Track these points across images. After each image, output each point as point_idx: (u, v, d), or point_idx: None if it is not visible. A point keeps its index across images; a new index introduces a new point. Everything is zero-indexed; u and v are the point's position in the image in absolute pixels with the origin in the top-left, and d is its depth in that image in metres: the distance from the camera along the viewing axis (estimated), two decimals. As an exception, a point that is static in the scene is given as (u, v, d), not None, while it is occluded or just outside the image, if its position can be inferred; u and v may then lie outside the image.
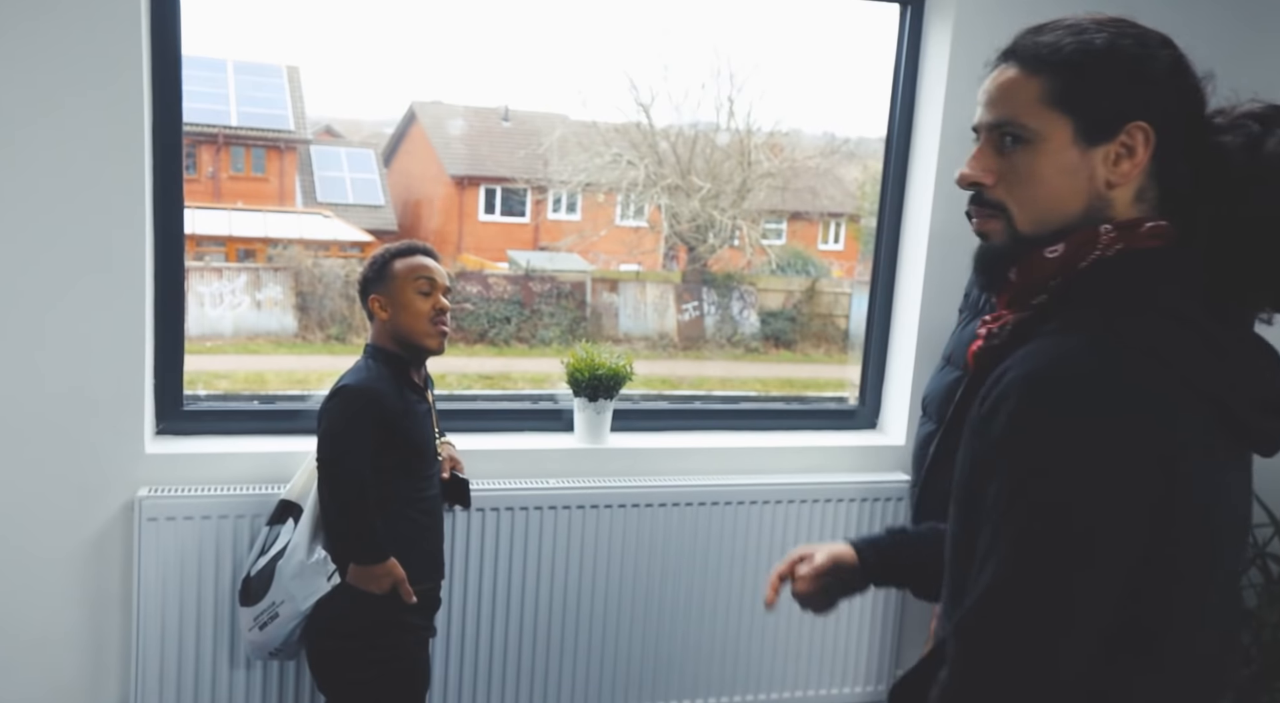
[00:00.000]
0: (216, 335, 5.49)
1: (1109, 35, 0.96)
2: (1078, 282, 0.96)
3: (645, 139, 5.42)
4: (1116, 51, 0.96)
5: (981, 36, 2.56)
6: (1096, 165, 0.96)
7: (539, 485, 2.46)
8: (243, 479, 2.32)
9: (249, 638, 2.08)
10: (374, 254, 2.09)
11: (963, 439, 1.03)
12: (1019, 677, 0.88)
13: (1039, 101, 0.96)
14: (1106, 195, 0.96)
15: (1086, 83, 0.95)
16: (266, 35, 5.28)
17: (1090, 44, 0.96)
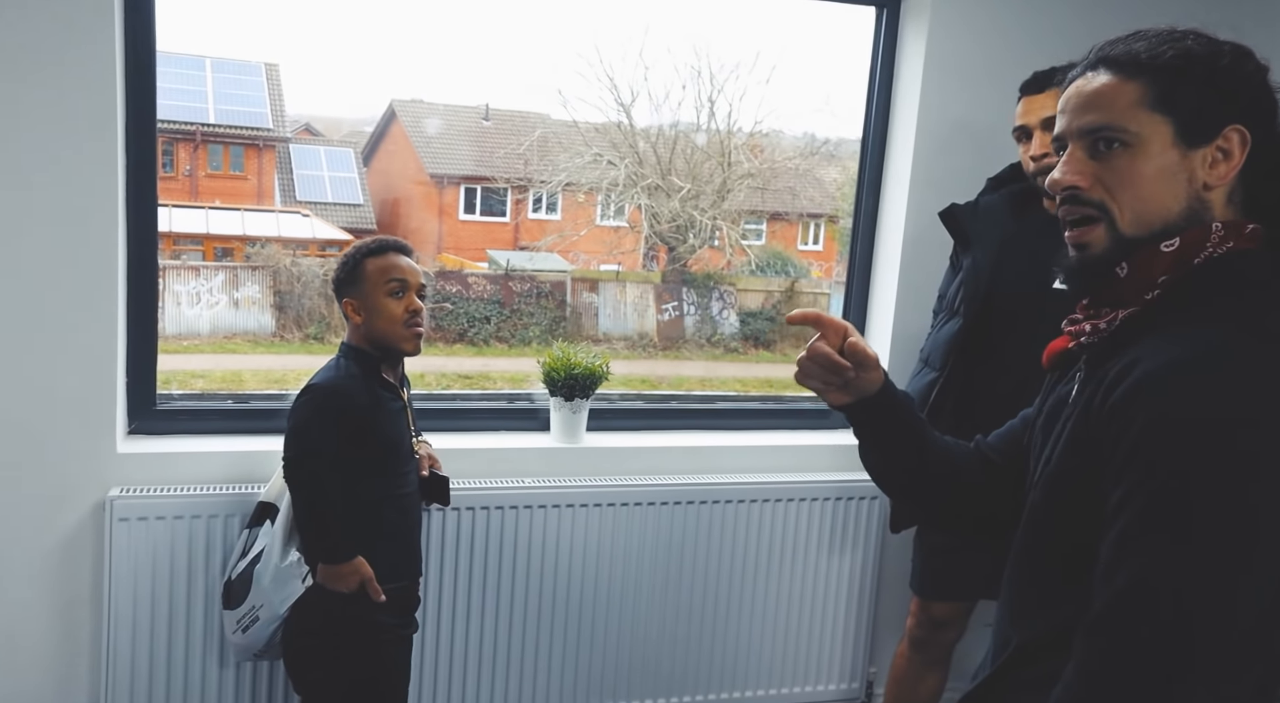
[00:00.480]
0: (193, 334, 5.46)
1: (1202, 43, 1.00)
2: (1196, 277, 0.97)
3: (626, 139, 5.43)
4: (1213, 57, 0.99)
5: (956, 39, 2.58)
6: (1195, 167, 0.98)
7: (515, 485, 2.46)
8: (216, 479, 2.30)
9: (233, 640, 2.07)
10: (346, 253, 2.06)
11: (1062, 442, 1.02)
12: (1162, 676, 0.87)
13: (1139, 105, 0.98)
14: (1205, 197, 0.98)
15: (1187, 86, 0.97)
16: (245, 33, 5.26)
17: (1189, 50, 0.99)
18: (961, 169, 2.47)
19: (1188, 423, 0.88)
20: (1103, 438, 0.94)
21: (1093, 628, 0.92)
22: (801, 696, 2.75)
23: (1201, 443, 0.87)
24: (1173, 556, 0.87)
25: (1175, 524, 0.88)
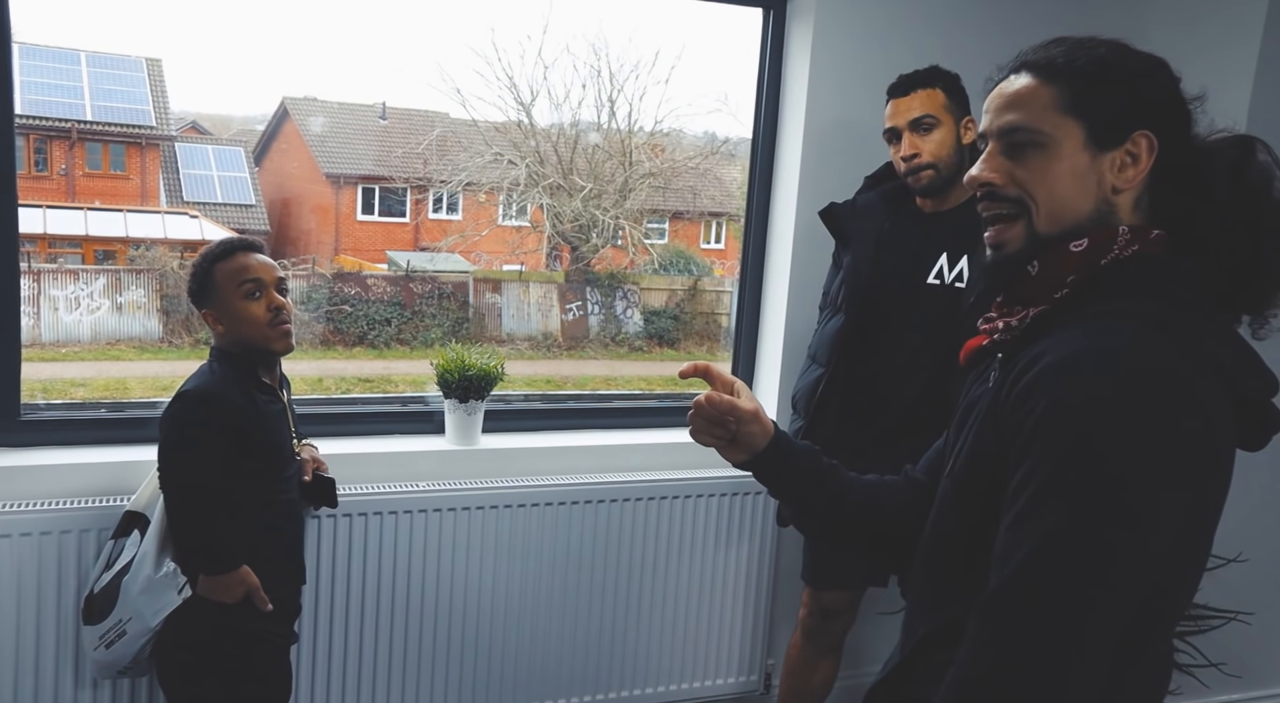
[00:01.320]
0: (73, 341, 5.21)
1: (1117, 51, 1.04)
2: (1101, 277, 1.00)
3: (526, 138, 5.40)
4: (1126, 65, 1.03)
5: (840, 41, 2.64)
6: (1105, 170, 1.01)
7: (407, 489, 2.42)
8: (87, 492, 2.20)
9: (95, 658, 1.97)
10: (194, 263, 1.97)
11: (972, 433, 1.05)
12: (1052, 651, 0.89)
13: (1053, 108, 1.02)
14: (1112, 200, 1.01)
15: (1098, 91, 1.01)
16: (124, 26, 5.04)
17: (1103, 57, 1.03)
18: (848, 168, 2.52)
19: (1083, 407, 0.90)
20: (1007, 428, 0.97)
21: (985, 608, 0.94)
22: (702, 690, 2.77)
23: (1096, 427, 0.90)
24: (1064, 537, 0.89)
25: (1068, 506, 0.90)
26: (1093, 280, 1.01)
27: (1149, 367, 0.91)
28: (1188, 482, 0.91)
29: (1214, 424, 0.92)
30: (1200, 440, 0.91)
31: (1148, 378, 0.91)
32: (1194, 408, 0.91)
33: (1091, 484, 0.89)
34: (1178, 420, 0.90)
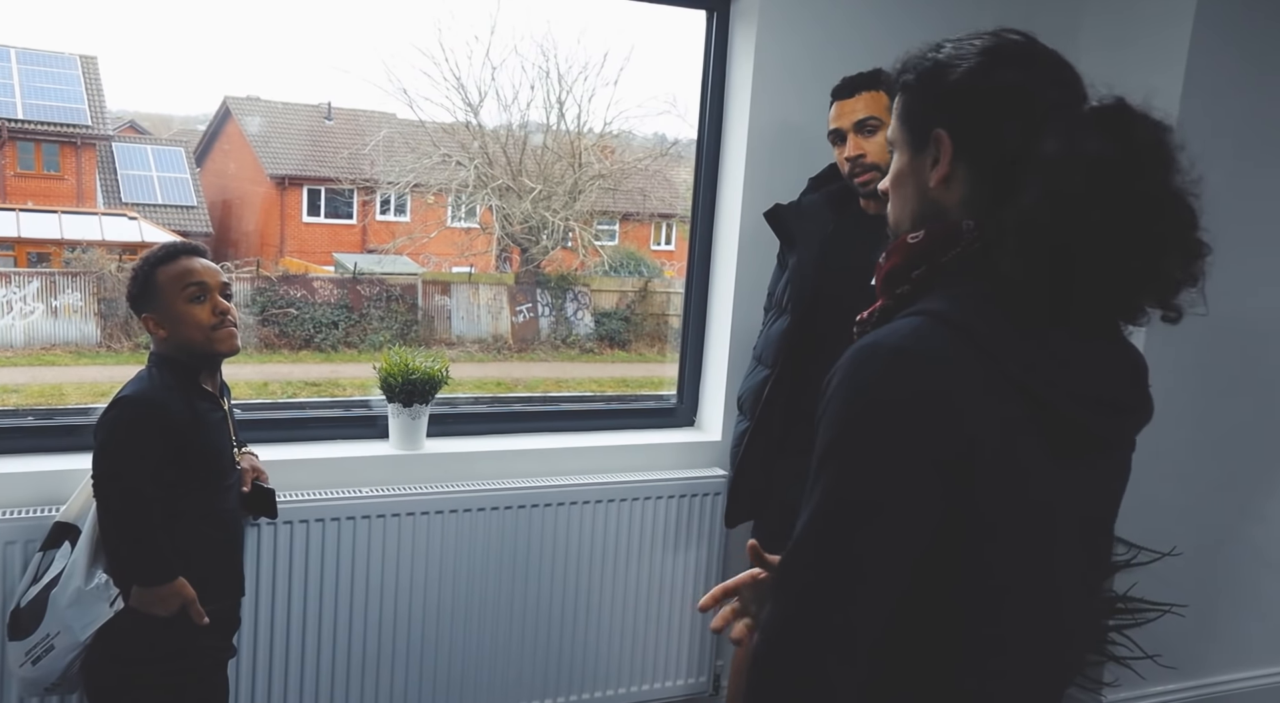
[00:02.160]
0: (5, 346, 5.05)
1: (950, 51, 1.03)
2: (940, 274, 0.99)
3: (474, 139, 5.35)
4: (923, 64, 1.03)
5: (783, 42, 2.66)
6: (922, 169, 1.03)
7: (349, 495, 2.38)
8: (12, 503, 2.12)
9: (20, 674, 1.91)
10: (134, 266, 1.92)
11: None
12: (809, 638, 0.90)
13: (887, 110, 1.10)
14: (933, 198, 1.01)
15: (906, 93, 1.04)
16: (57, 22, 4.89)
17: (908, 59, 1.05)
18: (792, 169, 2.54)
19: (839, 400, 0.93)
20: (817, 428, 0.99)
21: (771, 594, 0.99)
22: (652, 693, 2.77)
23: (830, 403, 0.93)
24: (809, 528, 0.92)
25: (812, 498, 0.93)
26: (933, 276, 1.00)
27: (889, 346, 0.91)
28: (907, 458, 0.89)
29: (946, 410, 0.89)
30: (919, 418, 0.89)
31: (875, 355, 0.92)
32: (916, 386, 0.89)
33: (827, 458, 0.92)
34: (884, 389, 0.90)
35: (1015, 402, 0.91)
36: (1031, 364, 0.92)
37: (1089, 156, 0.90)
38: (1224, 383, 2.82)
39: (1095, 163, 0.90)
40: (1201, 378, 2.78)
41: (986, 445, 0.90)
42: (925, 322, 0.93)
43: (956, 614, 0.94)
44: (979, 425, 0.90)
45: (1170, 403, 2.77)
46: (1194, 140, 0.96)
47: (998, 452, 0.90)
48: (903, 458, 0.89)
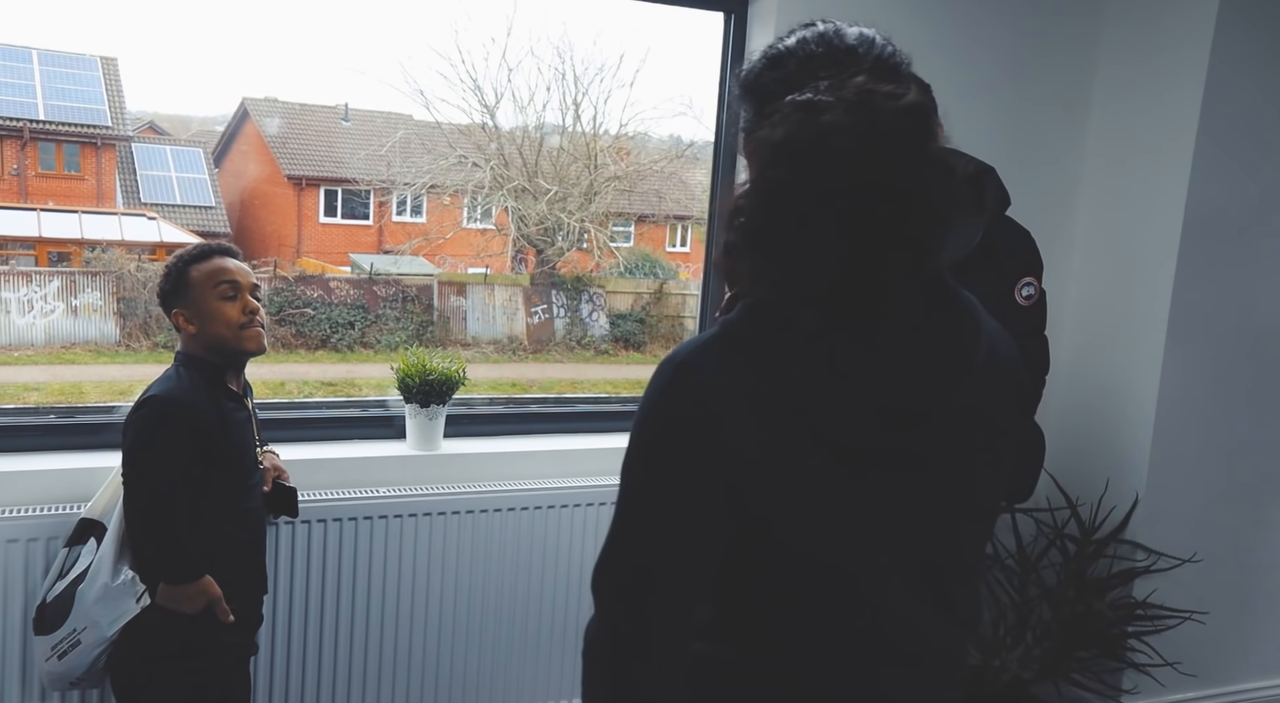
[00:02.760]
0: (26, 344, 5.10)
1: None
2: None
3: (491, 141, 5.38)
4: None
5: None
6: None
7: (367, 495, 2.39)
8: (37, 500, 2.14)
9: (46, 669, 1.92)
10: (167, 264, 1.95)
11: None
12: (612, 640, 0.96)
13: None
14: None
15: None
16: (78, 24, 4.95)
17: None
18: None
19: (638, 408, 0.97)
20: None
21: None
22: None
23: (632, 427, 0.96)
24: (607, 537, 0.98)
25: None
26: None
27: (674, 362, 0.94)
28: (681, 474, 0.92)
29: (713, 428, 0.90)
30: (688, 435, 0.91)
31: (663, 369, 0.94)
32: (680, 397, 0.92)
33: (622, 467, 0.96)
34: (661, 406, 0.93)
35: (788, 418, 0.89)
36: (797, 380, 0.90)
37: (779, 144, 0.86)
38: (1244, 388, 2.81)
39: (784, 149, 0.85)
40: (1221, 383, 2.77)
41: (754, 461, 0.90)
42: (715, 333, 0.94)
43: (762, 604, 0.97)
44: (745, 442, 0.89)
45: (1190, 408, 2.77)
46: (1215, 150, 0.93)
47: (766, 466, 0.90)
48: (676, 474, 0.92)
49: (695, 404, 0.91)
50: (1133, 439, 2.75)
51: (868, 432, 0.91)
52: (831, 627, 0.95)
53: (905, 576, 0.96)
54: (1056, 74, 2.86)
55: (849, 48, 0.95)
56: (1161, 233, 2.68)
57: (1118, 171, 2.82)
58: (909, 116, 0.85)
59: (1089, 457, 2.84)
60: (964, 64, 2.69)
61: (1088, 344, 2.89)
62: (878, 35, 0.98)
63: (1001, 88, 2.78)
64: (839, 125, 0.84)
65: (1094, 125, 2.90)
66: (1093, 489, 2.80)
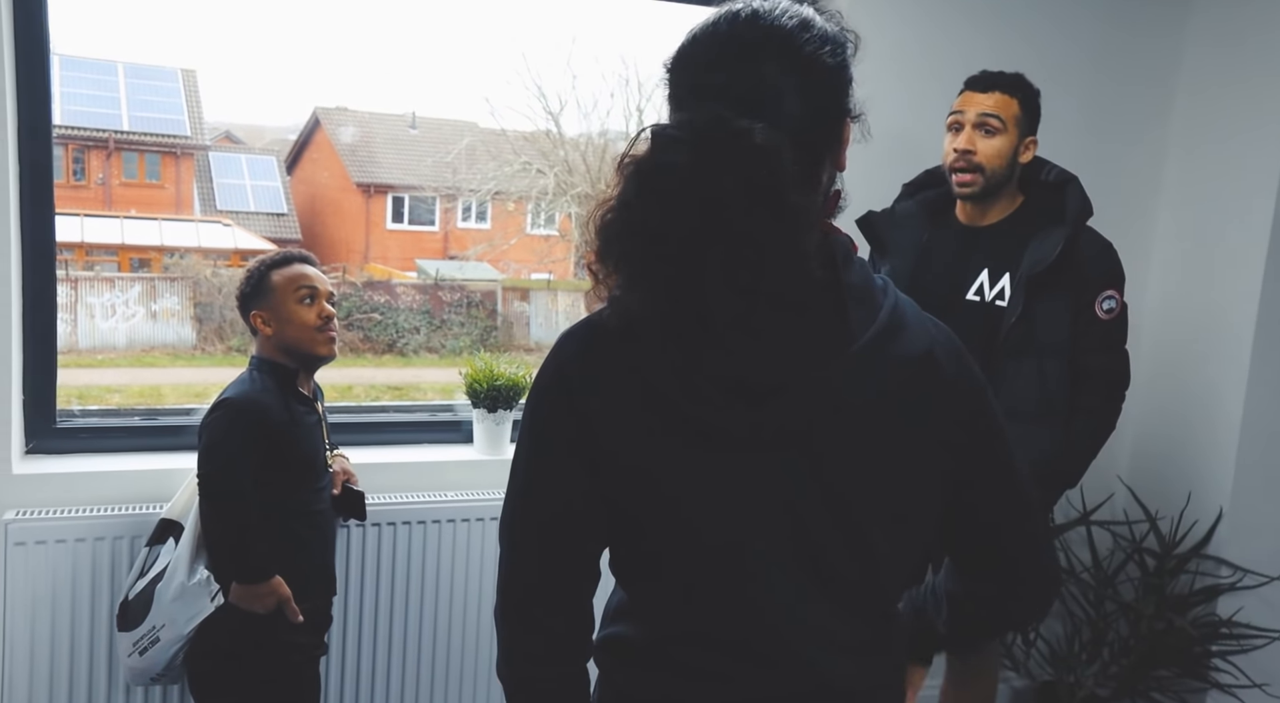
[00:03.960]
0: (109, 348, 5.28)
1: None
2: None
3: (555, 147, 5.42)
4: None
5: (874, 45, 2.61)
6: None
7: (435, 498, 2.42)
8: (121, 499, 2.21)
9: (128, 664, 1.99)
10: (249, 268, 2.02)
11: None
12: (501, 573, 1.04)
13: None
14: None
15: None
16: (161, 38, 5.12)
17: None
18: (882, 174, 2.50)
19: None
20: None
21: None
22: None
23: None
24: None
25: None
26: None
27: (562, 334, 1.00)
28: (532, 425, 0.99)
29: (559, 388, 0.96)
30: (538, 397, 0.99)
31: (553, 349, 1.01)
32: (547, 366, 0.99)
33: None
34: (537, 374, 1.00)
35: (633, 385, 0.93)
36: (640, 350, 0.92)
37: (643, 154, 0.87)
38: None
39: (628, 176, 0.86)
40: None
41: (603, 430, 0.94)
42: (600, 308, 0.97)
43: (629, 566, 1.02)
44: (595, 411, 0.94)
45: (1278, 419, 2.66)
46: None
47: (613, 435, 0.94)
48: (539, 438, 0.99)
49: (558, 377, 0.97)
50: (1216, 451, 2.65)
51: (715, 404, 0.90)
52: (683, 610, 0.97)
53: (779, 571, 0.94)
54: (1142, 59, 2.78)
55: (748, 43, 0.89)
56: (1249, 233, 2.58)
57: (1201, 166, 2.73)
58: (749, 161, 0.84)
59: (1169, 469, 2.75)
60: (1046, 54, 2.62)
61: (1168, 353, 2.79)
62: (799, 24, 0.90)
63: (1084, 77, 2.71)
64: (674, 166, 0.84)
65: (1177, 116, 2.81)
66: (1173, 503, 2.71)
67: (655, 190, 0.85)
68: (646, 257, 0.85)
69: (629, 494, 0.95)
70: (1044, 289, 2.00)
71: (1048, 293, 2.01)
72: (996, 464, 1.01)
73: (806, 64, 0.89)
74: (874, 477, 0.94)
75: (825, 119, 0.93)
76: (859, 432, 0.92)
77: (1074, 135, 2.10)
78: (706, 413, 0.91)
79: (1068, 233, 2.00)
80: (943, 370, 0.95)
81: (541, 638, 1.02)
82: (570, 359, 0.97)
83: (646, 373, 0.92)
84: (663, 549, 0.97)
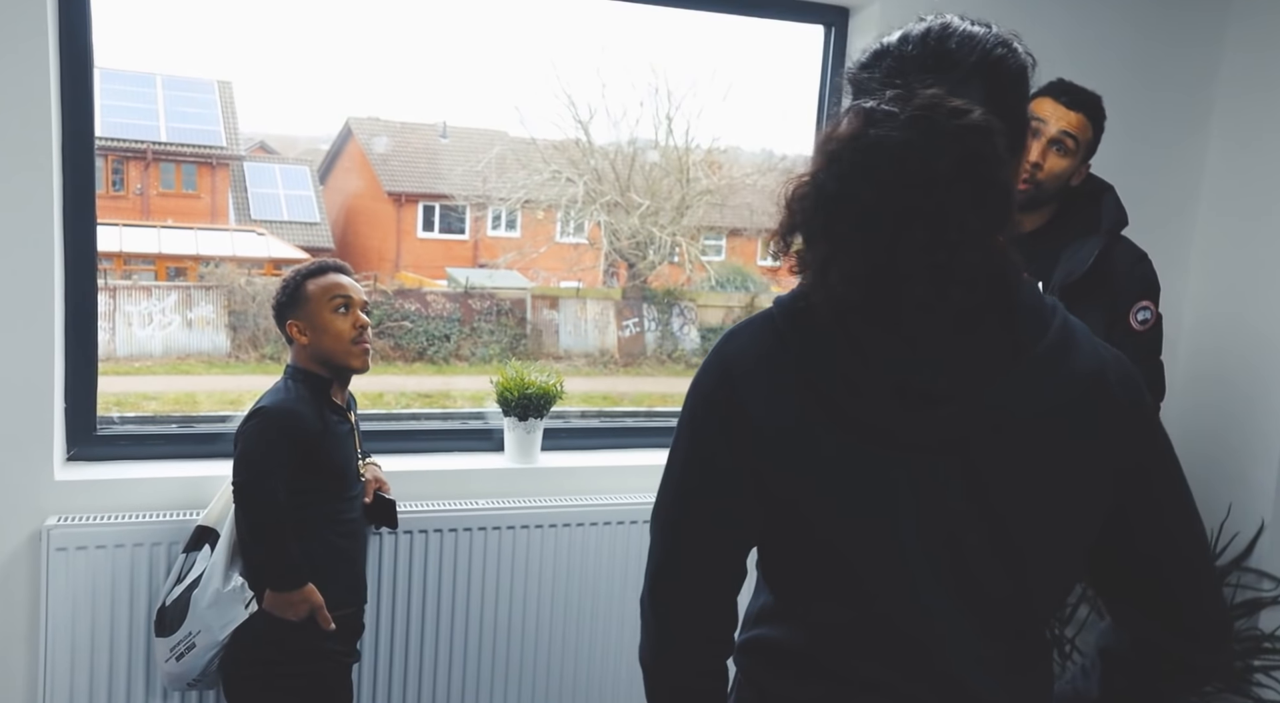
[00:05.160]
0: (146, 355, 5.36)
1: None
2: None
3: (584, 156, 5.44)
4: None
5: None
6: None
7: (467, 506, 2.43)
8: (160, 506, 2.24)
9: (166, 669, 2.01)
10: (285, 278, 2.04)
11: None
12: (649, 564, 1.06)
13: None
14: None
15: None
16: (197, 50, 5.20)
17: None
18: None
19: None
20: None
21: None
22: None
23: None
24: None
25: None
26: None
27: (725, 333, 1.01)
28: (693, 425, 1.00)
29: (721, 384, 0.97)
30: (699, 391, 1.00)
31: (712, 350, 1.02)
32: (710, 366, 0.99)
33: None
34: (697, 375, 1.01)
35: (800, 387, 0.93)
36: (814, 352, 0.92)
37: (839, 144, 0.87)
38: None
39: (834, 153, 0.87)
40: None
41: (766, 427, 0.94)
42: (765, 309, 1.00)
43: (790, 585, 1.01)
44: (759, 409, 0.94)
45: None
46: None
47: (777, 433, 0.93)
48: (703, 440, 0.98)
49: (721, 372, 0.97)
50: (1257, 462, 2.61)
51: (882, 407, 0.89)
52: (832, 617, 0.96)
53: (931, 583, 0.93)
54: (1179, 67, 2.74)
55: (947, 52, 0.92)
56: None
57: (1240, 174, 2.69)
58: (966, 138, 0.84)
59: (1208, 481, 2.70)
60: (1083, 62, 2.60)
61: (1207, 363, 2.75)
62: (992, 37, 0.94)
63: (1122, 85, 2.67)
64: (889, 141, 0.84)
65: (1215, 123, 2.77)
66: (1214, 515, 2.66)
67: (867, 165, 0.85)
68: (852, 231, 0.85)
69: (785, 496, 0.95)
70: (1077, 300, 1.98)
71: (1081, 303, 1.98)
72: (1163, 492, 0.97)
73: (1005, 76, 0.93)
74: (1034, 495, 0.92)
75: (1016, 126, 0.94)
76: (1022, 447, 0.91)
77: (1111, 143, 2.07)
78: (872, 415, 0.90)
79: (1102, 243, 1.97)
80: (1113, 391, 0.93)
81: (687, 632, 1.04)
82: (735, 356, 0.97)
83: (813, 371, 0.92)
84: (814, 552, 0.96)
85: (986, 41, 0.93)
